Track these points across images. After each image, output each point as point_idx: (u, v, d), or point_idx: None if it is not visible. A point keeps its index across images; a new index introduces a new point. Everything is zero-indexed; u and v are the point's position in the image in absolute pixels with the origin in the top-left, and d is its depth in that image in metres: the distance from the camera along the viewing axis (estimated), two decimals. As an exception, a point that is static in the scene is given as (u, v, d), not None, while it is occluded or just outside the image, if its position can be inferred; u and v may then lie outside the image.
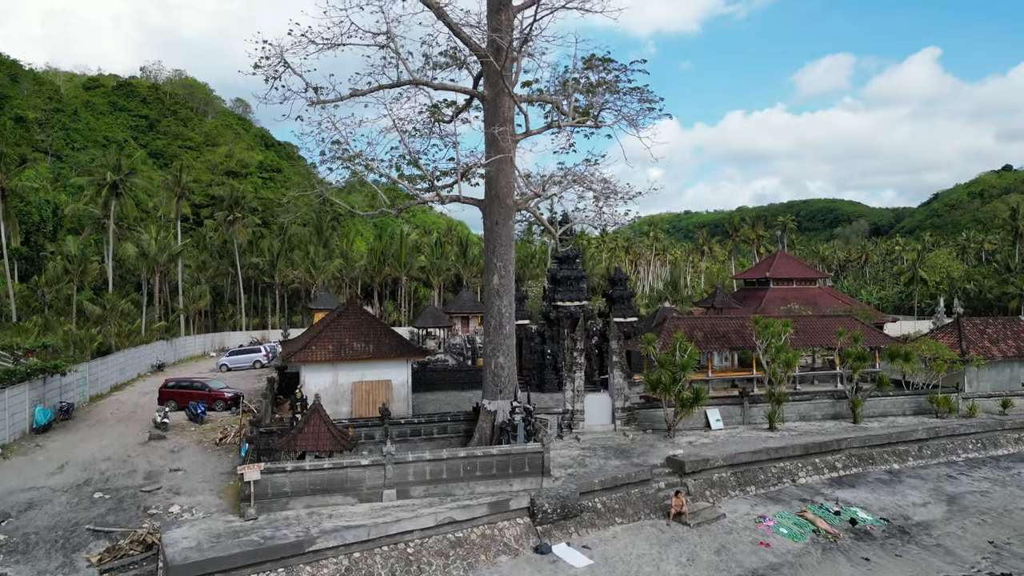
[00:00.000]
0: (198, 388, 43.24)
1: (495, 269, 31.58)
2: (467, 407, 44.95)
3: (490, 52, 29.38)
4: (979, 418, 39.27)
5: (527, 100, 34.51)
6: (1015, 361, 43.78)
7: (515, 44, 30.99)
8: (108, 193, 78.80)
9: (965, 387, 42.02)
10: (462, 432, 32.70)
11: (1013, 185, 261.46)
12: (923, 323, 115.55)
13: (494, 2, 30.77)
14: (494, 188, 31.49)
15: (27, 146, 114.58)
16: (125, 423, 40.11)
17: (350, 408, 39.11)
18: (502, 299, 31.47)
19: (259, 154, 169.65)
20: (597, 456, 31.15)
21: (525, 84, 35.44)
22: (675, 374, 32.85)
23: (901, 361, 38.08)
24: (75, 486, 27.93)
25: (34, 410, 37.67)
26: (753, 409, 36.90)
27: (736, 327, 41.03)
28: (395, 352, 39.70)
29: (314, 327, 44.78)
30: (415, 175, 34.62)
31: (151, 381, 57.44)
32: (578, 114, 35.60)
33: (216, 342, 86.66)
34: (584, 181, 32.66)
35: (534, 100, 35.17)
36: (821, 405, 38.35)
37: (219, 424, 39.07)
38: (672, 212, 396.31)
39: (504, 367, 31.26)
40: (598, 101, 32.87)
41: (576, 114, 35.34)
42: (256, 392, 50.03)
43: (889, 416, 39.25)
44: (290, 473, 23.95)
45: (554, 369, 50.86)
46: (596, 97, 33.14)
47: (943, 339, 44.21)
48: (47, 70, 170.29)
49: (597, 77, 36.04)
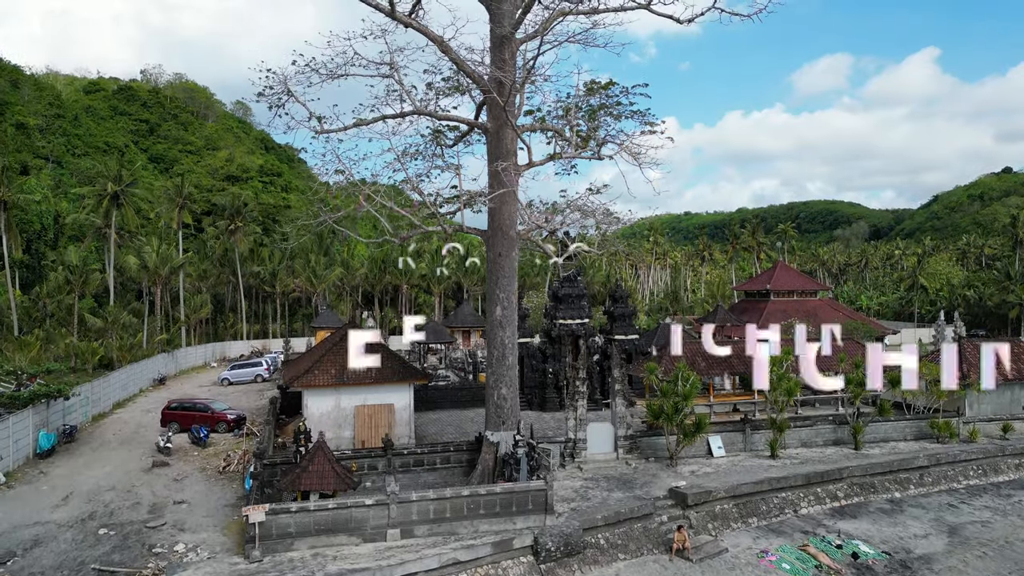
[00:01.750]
0: (201, 410, 43.34)
1: (498, 300, 31.67)
2: (469, 427, 45.21)
3: (493, 87, 29.44)
4: (980, 443, 39.37)
5: (530, 129, 34.58)
6: (1015, 384, 43.89)
7: (518, 79, 31.10)
8: (109, 203, 78.88)
9: (966, 411, 42.11)
10: (465, 462, 32.79)
11: (1013, 188, 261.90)
12: (923, 331, 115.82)
13: (497, 37, 30.85)
14: (497, 220, 31.58)
15: (28, 153, 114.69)
16: (128, 446, 40.24)
17: (352, 432, 39.22)
18: (505, 330, 31.56)
19: (259, 158, 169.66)
20: (600, 488, 31.25)
21: (528, 112, 35.51)
22: (677, 404, 32.95)
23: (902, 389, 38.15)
24: (80, 520, 28.01)
25: (38, 435, 37.79)
26: (755, 436, 37.00)
27: (738, 351, 41.14)
28: (398, 376, 39.78)
29: (316, 349, 44.87)
30: (418, 202, 34.69)
31: (152, 397, 57.63)
32: (580, 139, 35.75)
33: (217, 352, 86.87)
34: (587, 211, 32.77)
35: (536, 129, 35.25)
36: (822, 431, 38.45)
37: (222, 448, 39.20)
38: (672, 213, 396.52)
39: (507, 398, 31.36)
40: (600, 135, 32.90)
41: (578, 138, 35.48)
42: (258, 410, 50.18)
43: (890, 441, 39.36)
44: (295, 514, 24.04)
45: (556, 388, 51.00)
46: (599, 129, 33.17)
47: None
48: (47, 73, 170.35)
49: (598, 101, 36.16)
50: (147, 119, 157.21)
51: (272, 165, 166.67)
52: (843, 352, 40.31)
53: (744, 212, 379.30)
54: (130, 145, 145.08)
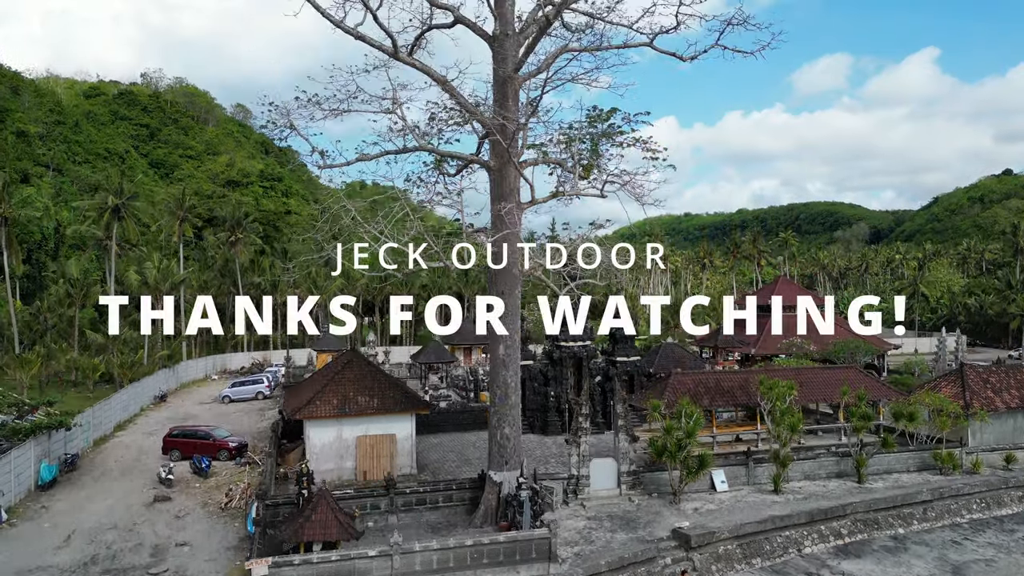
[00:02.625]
0: (202, 437, 43.27)
1: (501, 339, 31.57)
2: (471, 452, 45.14)
3: (496, 129, 29.32)
4: (983, 475, 39.31)
5: (532, 164, 34.43)
6: (1018, 412, 43.77)
7: (521, 117, 31.00)
8: (110, 216, 78.86)
9: (969, 440, 42.01)
10: (467, 500, 32.72)
11: (1013, 190, 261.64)
12: (924, 340, 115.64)
13: (500, 76, 30.70)
14: (500, 259, 31.45)
15: (29, 160, 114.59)
16: (129, 476, 40.15)
17: (354, 463, 39.18)
18: (508, 369, 31.47)
19: (260, 163, 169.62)
20: (603, 528, 31.16)
21: (531, 146, 35.37)
22: (681, 441, 32.88)
23: (905, 421, 38.22)
24: (82, 564, 27.91)
25: (39, 466, 37.71)
26: (758, 469, 36.93)
27: (740, 382, 41.09)
28: (399, 406, 39.72)
29: (318, 376, 44.79)
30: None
31: (153, 416, 57.55)
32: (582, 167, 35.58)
33: (218, 364, 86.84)
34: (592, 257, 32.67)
35: (539, 163, 35.09)
36: (826, 463, 38.40)
37: (224, 480, 39.09)
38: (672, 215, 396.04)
39: (510, 438, 31.29)
40: (603, 172, 32.73)
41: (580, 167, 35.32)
42: (259, 434, 50.10)
43: (893, 473, 39.29)
44: (298, 567, 23.96)
45: (557, 411, 50.89)
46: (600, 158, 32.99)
47: (946, 388, 44.19)
48: (47, 77, 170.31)
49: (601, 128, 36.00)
50: (147, 124, 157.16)
51: (272, 170, 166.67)
52: (845, 385, 40.23)
53: (744, 213, 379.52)
54: (131, 151, 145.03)
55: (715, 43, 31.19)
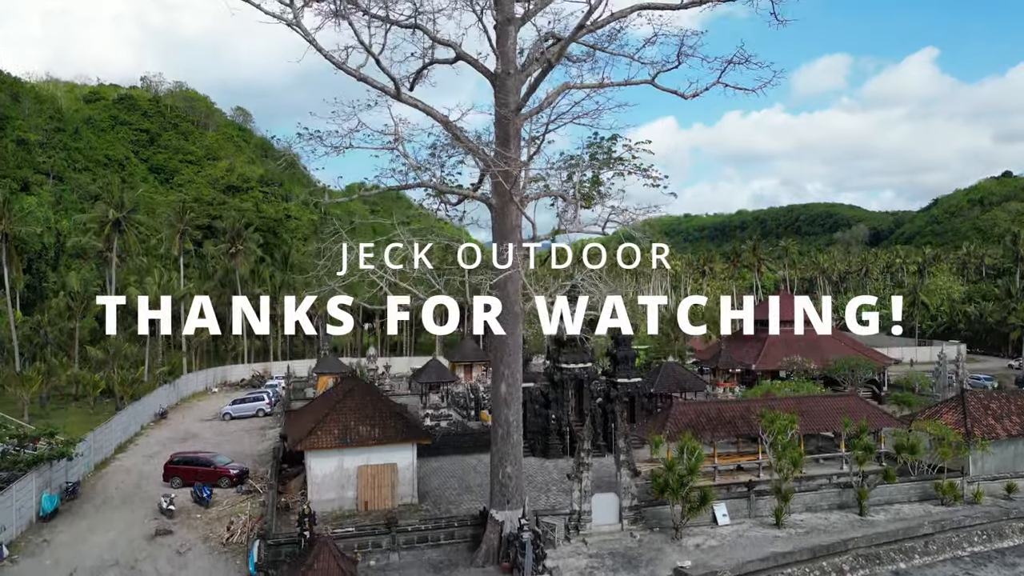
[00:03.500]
0: (203, 464, 43.28)
1: (503, 377, 31.55)
2: (472, 478, 45.11)
3: (498, 173, 29.28)
4: (984, 506, 39.29)
5: (535, 197, 34.40)
6: (1019, 439, 43.78)
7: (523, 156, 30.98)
8: (111, 230, 78.87)
9: (970, 468, 41.99)
10: (469, 537, 32.72)
11: (1013, 193, 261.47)
12: (924, 349, 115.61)
13: (501, 116, 30.62)
14: (502, 297, 31.45)
15: (29, 168, 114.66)
16: (130, 505, 40.15)
17: (355, 492, 39.17)
18: (510, 408, 31.46)
19: (260, 167, 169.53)
20: (605, 567, 31.13)
21: (532, 180, 35.33)
22: (683, 479, 32.88)
23: (907, 454, 38.26)
24: (84, 607, 27.94)
25: (41, 497, 37.70)
26: (760, 502, 36.92)
27: (742, 411, 41.10)
28: (400, 436, 39.72)
29: (319, 402, 44.83)
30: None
31: (154, 436, 57.59)
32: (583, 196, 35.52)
33: (218, 376, 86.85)
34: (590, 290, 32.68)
35: (541, 196, 35.05)
36: (827, 495, 38.38)
37: (225, 510, 39.06)
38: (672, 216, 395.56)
39: (512, 476, 31.29)
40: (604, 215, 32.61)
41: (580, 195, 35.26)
42: (260, 456, 50.09)
43: (895, 503, 39.26)
44: (300, 617, 23.96)
45: (558, 434, 50.87)
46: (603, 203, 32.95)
47: (946, 415, 44.18)
48: (47, 81, 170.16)
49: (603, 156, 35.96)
50: (147, 129, 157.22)
51: (272, 175, 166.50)
52: (847, 416, 40.23)
53: (744, 215, 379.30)
54: (130, 157, 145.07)
55: (716, 80, 31.25)
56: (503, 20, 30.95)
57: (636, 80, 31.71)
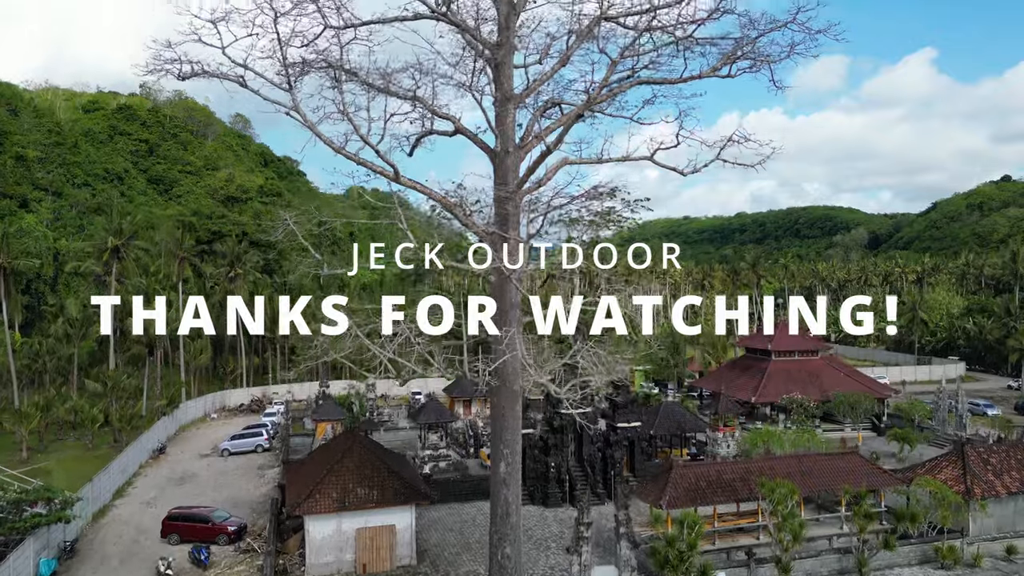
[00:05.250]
0: (201, 520, 43.08)
1: (502, 456, 31.37)
2: (471, 532, 44.90)
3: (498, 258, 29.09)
4: (984, 569, 39.21)
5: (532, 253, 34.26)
6: (1019, 496, 43.63)
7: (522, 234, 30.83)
8: (110, 256, 78.71)
9: (970, 527, 41.85)
10: (468, 613, 32.63)
11: (1012, 198, 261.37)
12: (923, 368, 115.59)
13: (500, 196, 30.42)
14: (501, 375, 31.26)
15: (28, 185, 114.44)
16: (128, 565, 40.03)
17: (354, 555, 39.08)
18: (509, 488, 31.28)
19: (259, 176, 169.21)
20: (603, 648, 31.11)
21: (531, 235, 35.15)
22: (683, 554, 32.77)
23: (908, 523, 38.22)
24: None
25: (38, 562, 37.56)
26: (760, 571, 36.81)
27: (741, 473, 40.96)
28: (400, 498, 39.63)
29: (318, 457, 44.72)
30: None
31: (151, 476, 57.45)
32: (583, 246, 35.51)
33: (217, 402, 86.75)
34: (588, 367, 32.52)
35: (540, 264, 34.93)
36: (827, 561, 38.28)
37: (223, 571, 38.98)
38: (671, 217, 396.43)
39: (511, 558, 31.14)
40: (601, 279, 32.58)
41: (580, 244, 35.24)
42: (259, 503, 49.98)
43: (895, 568, 39.13)
44: None
45: (558, 481, 50.75)
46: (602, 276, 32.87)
47: (946, 470, 43.98)
48: (46, 88, 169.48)
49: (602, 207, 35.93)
50: (147, 139, 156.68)
51: (272, 184, 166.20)
52: (848, 484, 40.14)
53: (743, 217, 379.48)
54: (130, 169, 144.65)
55: (716, 157, 31.36)
56: (502, 98, 30.75)
57: (635, 156, 31.52)
